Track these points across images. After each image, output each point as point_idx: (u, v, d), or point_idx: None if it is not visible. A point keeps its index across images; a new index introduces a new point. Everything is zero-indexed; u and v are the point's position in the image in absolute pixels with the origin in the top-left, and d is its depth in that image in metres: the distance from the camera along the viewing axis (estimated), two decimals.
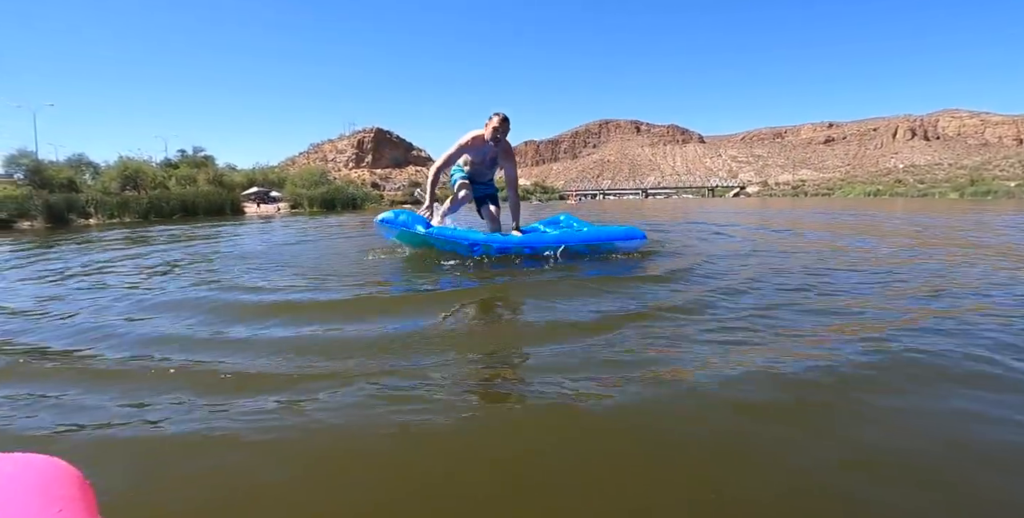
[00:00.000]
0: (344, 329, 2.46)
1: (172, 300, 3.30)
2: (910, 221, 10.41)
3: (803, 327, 2.36)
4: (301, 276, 4.04)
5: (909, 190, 63.56)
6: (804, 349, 2.04)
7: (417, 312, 2.84)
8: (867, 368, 1.84)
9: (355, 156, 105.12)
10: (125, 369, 2.02)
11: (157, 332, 2.55)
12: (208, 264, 5.09)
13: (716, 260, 4.53)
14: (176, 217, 22.70)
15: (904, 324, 2.39)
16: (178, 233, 11.07)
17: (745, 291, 3.16)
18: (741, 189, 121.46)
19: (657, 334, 2.29)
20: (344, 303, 2.99)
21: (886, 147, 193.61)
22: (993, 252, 5.06)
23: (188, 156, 40.37)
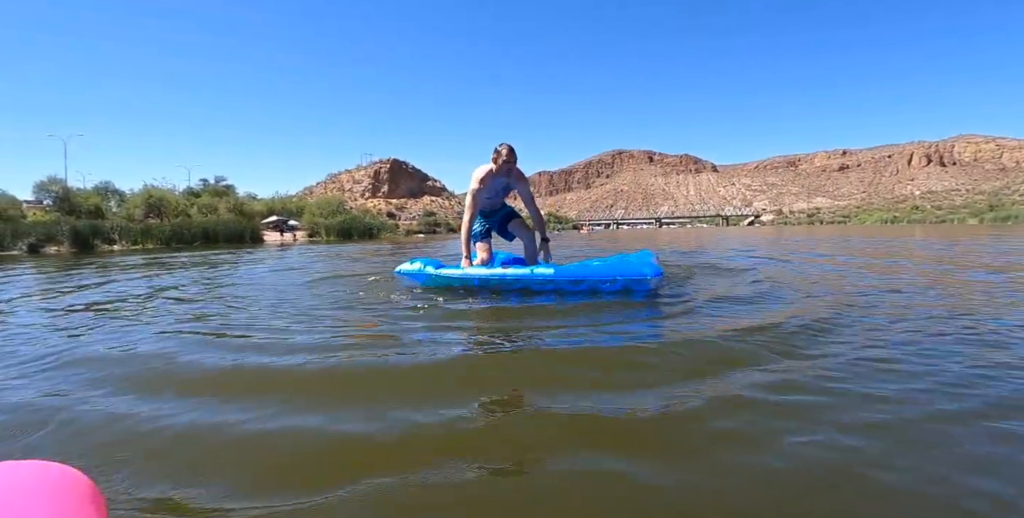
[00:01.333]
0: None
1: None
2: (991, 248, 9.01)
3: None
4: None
5: (927, 216, 62.93)
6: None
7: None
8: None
9: (371, 186, 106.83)
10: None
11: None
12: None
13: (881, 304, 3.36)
14: (197, 244, 23.15)
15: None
16: (199, 260, 11.30)
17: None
18: (756, 218, 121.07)
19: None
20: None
21: (902, 173, 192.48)
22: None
23: (210, 185, 41.46)
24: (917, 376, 1.85)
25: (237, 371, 2.08)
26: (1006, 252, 7.62)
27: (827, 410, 1.56)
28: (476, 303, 3.68)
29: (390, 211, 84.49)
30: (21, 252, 17.88)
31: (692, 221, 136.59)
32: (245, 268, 7.66)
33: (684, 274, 5.26)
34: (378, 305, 3.64)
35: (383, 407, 1.65)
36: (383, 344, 2.45)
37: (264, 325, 2.93)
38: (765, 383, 1.81)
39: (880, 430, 1.43)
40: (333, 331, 2.75)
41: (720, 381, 1.88)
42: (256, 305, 3.72)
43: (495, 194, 4.72)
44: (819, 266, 5.89)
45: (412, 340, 2.53)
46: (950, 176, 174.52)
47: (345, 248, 15.56)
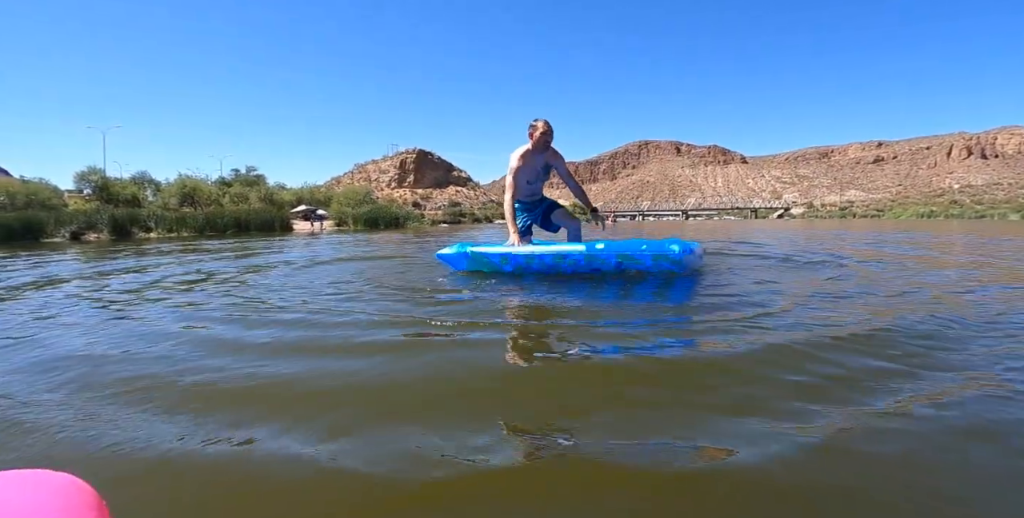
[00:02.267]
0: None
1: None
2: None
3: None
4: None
5: (966, 211, 60.95)
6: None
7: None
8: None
9: (397, 176, 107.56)
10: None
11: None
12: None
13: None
14: (229, 232, 23.70)
15: None
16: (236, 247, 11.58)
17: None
18: (785, 210, 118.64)
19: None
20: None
21: (940, 166, 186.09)
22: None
23: (241, 175, 42.34)
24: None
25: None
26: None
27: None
28: (522, 297, 3.54)
29: (415, 201, 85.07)
30: (64, 239, 18.56)
31: (719, 213, 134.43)
32: (295, 253, 7.80)
33: (743, 266, 5.07)
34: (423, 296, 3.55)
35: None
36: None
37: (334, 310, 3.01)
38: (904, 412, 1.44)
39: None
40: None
41: (846, 410, 1.45)
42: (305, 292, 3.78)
43: (536, 176, 4.61)
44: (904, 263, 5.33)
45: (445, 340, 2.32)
46: (992, 169, 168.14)
47: (375, 237, 15.75)
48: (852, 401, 1.52)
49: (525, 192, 4.70)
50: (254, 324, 2.71)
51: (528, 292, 3.66)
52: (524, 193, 4.70)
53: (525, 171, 4.52)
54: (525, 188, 4.65)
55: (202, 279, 4.88)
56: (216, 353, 2.17)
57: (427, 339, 2.37)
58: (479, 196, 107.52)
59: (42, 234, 18.57)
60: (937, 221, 45.12)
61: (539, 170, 4.58)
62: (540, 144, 4.42)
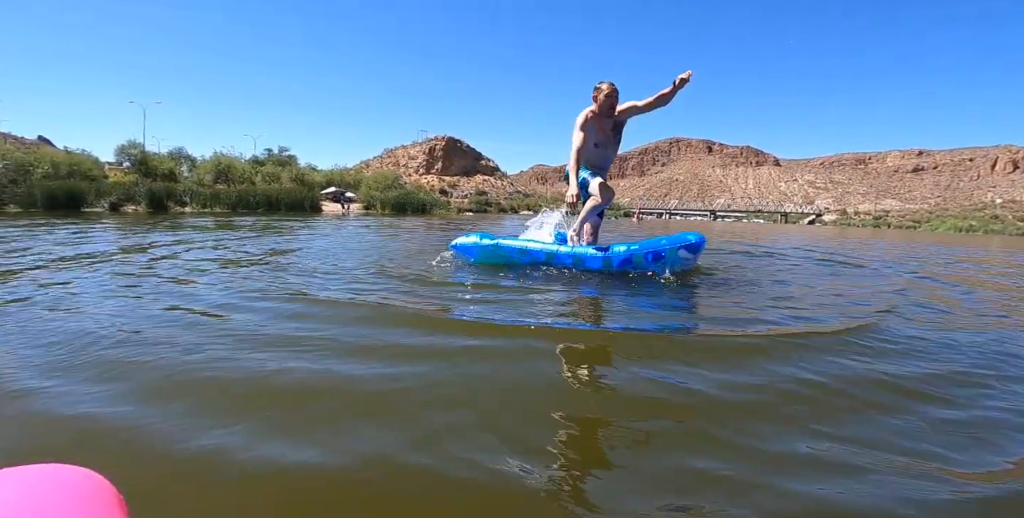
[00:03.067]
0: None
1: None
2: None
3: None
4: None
5: (1007, 227, 58.93)
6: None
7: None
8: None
9: (426, 162, 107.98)
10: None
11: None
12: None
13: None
14: (261, 210, 24.13)
15: None
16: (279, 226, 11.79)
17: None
18: (817, 216, 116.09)
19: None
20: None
21: (983, 179, 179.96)
22: None
23: (274, 155, 42.92)
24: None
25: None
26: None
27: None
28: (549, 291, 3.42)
29: (443, 188, 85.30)
30: (103, 210, 19.13)
31: (748, 215, 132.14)
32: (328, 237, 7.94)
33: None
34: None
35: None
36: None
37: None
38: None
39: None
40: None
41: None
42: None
43: (604, 139, 4.32)
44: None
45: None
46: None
47: (402, 221, 15.87)
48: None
49: (593, 157, 4.36)
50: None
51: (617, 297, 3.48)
52: (592, 157, 4.36)
53: (591, 132, 4.21)
54: (592, 152, 4.33)
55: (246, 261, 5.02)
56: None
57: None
58: (506, 186, 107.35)
59: (83, 203, 19.17)
60: (976, 236, 43.75)
61: (608, 134, 4.31)
62: (605, 107, 4.16)
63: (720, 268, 5.09)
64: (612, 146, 4.38)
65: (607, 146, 4.36)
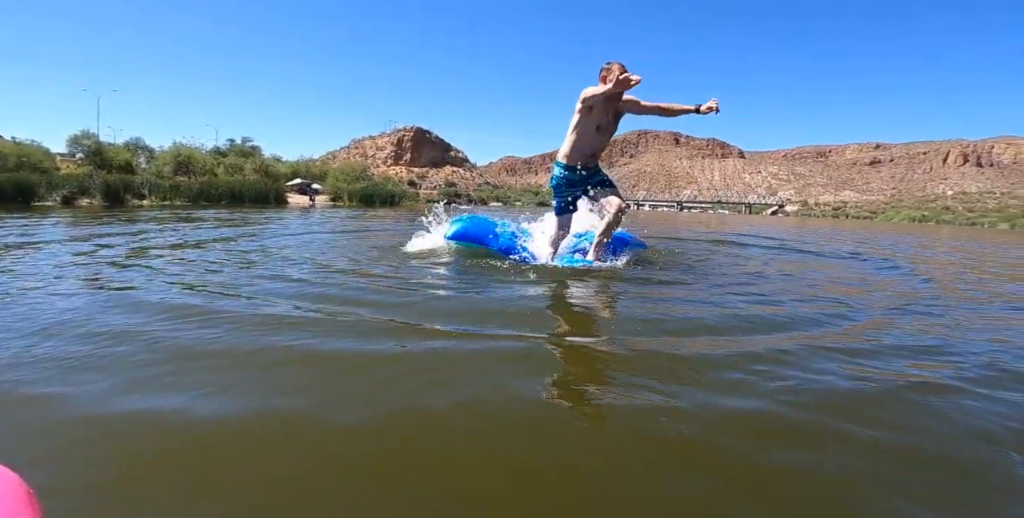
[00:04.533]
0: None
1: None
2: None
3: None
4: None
5: (957, 218, 61.57)
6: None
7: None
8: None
9: (394, 153, 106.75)
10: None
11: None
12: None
13: None
14: (223, 203, 23.54)
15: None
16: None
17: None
18: (779, 207, 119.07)
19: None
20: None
21: (935, 172, 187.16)
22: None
23: (236, 145, 41.89)
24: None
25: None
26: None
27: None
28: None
29: (411, 179, 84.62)
30: (55, 203, 18.38)
31: (714, 206, 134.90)
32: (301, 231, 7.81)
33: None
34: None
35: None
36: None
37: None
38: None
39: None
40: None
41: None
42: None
43: (605, 127, 4.06)
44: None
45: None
46: (986, 178, 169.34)
47: (372, 213, 15.71)
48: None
49: (589, 141, 4.06)
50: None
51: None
52: (587, 142, 4.06)
53: (597, 112, 3.94)
54: (591, 137, 4.04)
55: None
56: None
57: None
58: (475, 177, 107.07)
59: (33, 197, 18.37)
60: (928, 226, 45.59)
61: (609, 119, 4.04)
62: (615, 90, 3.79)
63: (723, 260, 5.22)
64: (609, 133, 4.13)
65: (606, 132, 4.09)
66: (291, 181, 36.56)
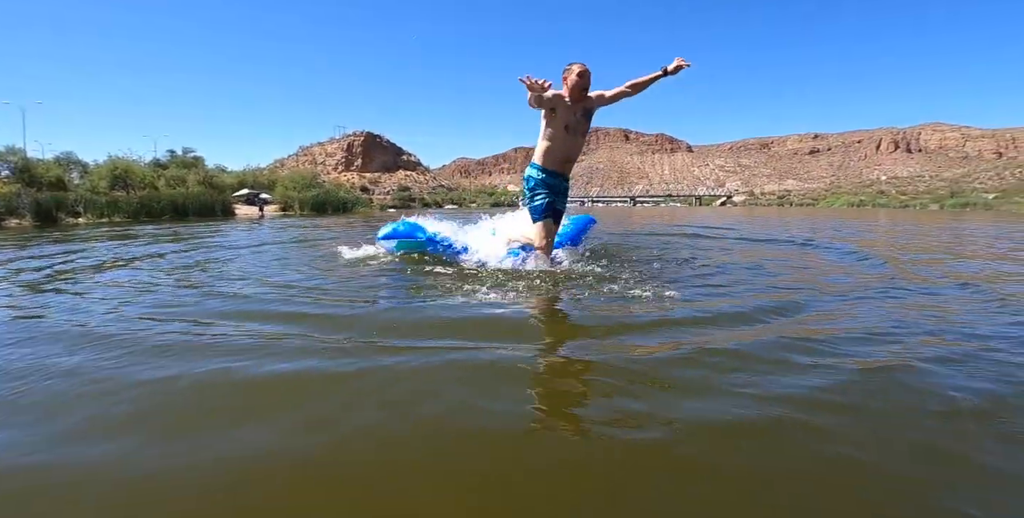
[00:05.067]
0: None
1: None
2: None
3: None
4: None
5: (891, 201, 64.71)
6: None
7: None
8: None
9: (344, 159, 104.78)
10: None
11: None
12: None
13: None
14: (166, 218, 22.62)
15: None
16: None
17: None
18: (728, 198, 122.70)
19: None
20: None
21: (870, 159, 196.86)
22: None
23: (177, 157, 40.25)
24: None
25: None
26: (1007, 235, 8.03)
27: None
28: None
29: (364, 185, 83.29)
30: None
31: (666, 200, 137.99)
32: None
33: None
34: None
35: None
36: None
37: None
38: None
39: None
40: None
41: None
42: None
43: (575, 127, 3.89)
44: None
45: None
46: (915, 162, 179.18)
47: (326, 221, 15.35)
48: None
49: (561, 145, 3.91)
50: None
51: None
52: (560, 146, 3.92)
53: (561, 108, 3.79)
54: (562, 138, 3.89)
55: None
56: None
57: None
58: (429, 181, 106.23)
59: None
60: (866, 210, 47.86)
61: (577, 117, 3.88)
62: (576, 92, 3.77)
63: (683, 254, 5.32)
64: (581, 132, 3.96)
65: (577, 132, 3.93)
66: (238, 192, 35.48)
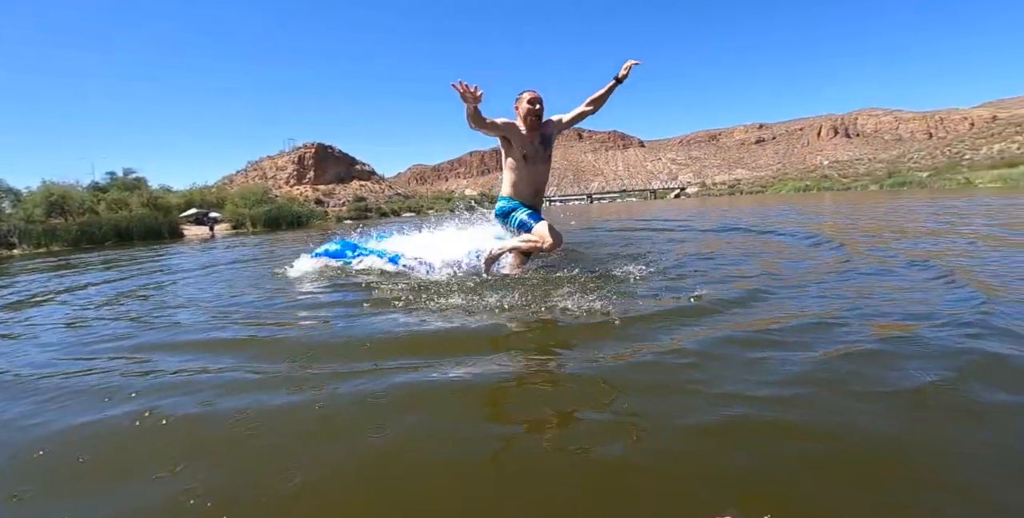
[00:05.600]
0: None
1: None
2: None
3: None
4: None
5: (834, 184, 67.36)
6: None
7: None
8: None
9: (296, 172, 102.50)
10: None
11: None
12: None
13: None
14: (109, 243, 21.68)
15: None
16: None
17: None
18: (681, 190, 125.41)
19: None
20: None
21: (812, 145, 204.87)
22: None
23: (118, 178, 38.59)
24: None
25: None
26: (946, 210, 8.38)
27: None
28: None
29: (318, 198, 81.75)
30: None
31: (622, 195, 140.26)
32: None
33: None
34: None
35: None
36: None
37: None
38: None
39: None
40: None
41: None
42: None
43: (533, 156, 3.79)
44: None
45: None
46: (854, 146, 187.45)
47: (279, 237, 14.95)
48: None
49: (524, 175, 3.82)
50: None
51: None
52: (523, 176, 3.83)
53: (516, 139, 3.71)
54: (522, 169, 3.80)
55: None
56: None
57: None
58: (384, 190, 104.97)
59: None
60: (812, 194, 49.66)
61: (535, 145, 3.79)
62: (529, 120, 3.67)
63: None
64: (543, 161, 3.85)
65: (538, 161, 3.82)
66: (185, 212, 34.37)
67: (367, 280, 4.05)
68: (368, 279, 4.10)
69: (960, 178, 42.82)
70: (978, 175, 41.56)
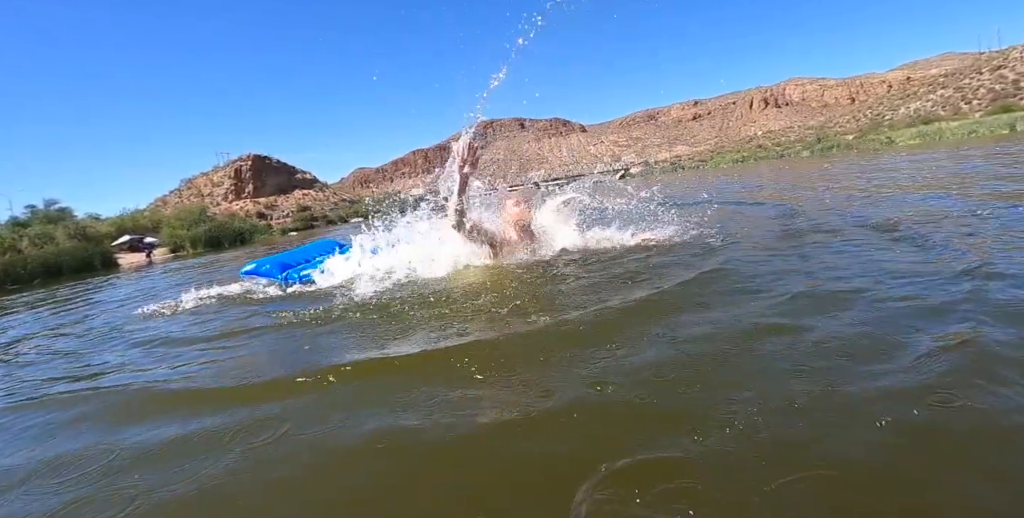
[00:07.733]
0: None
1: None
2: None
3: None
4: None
5: (769, 153, 69.73)
6: None
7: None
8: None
9: (234, 187, 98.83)
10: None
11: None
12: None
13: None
14: (37, 281, 20.40)
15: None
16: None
17: None
18: (626, 171, 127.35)
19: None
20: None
21: (745, 117, 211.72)
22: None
23: (40, 211, 36.38)
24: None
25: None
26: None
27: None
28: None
29: (259, 211, 79.32)
30: None
31: (568, 181, 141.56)
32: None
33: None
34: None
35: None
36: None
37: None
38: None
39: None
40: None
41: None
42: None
43: (520, 243, 4.22)
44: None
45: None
46: (784, 116, 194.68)
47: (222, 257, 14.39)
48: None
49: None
50: None
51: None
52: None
53: (507, 250, 4.15)
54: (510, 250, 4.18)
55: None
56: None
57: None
58: (329, 197, 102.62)
59: None
60: (749, 164, 51.26)
61: (524, 241, 4.29)
62: (519, 228, 4.22)
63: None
64: (529, 239, 4.29)
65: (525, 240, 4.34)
66: (118, 240, 32.66)
67: (303, 295, 3.98)
68: (304, 295, 4.02)
69: (883, 137, 45.02)
70: (899, 133, 43.78)
